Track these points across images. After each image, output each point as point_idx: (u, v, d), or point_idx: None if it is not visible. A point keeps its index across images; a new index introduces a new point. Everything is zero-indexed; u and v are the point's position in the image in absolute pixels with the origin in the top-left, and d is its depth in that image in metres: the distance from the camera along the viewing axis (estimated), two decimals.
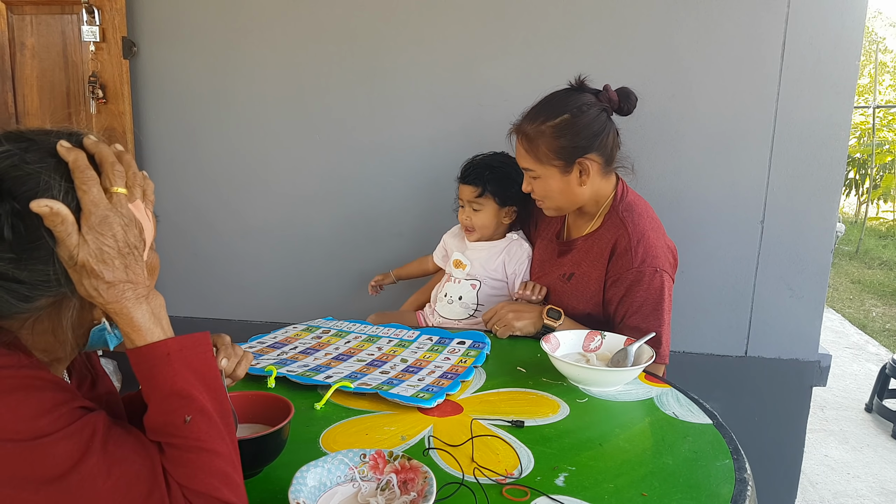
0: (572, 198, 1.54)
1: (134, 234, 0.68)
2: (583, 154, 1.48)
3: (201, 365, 0.71)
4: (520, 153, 1.54)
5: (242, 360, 0.95)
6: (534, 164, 1.50)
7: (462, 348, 1.40)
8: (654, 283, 1.45)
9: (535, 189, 1.55)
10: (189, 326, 2.62)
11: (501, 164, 1.75)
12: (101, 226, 0.65)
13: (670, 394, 1.20)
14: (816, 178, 1.96)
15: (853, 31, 1.87)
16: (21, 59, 2.33)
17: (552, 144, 1.47)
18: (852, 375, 4.02)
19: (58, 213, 0.63)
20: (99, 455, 0.63)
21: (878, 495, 2.61)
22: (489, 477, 0.89)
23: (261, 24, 2.17)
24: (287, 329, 1.54)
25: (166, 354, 0.68)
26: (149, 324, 0.69)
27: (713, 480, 0.90)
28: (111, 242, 0.66)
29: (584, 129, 1.47)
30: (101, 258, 0.65)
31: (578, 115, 1.47)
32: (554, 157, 1.48)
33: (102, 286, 0.66)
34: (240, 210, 2.32)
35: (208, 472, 0.67)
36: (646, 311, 1.46)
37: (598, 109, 1.49)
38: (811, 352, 2.05)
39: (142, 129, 2.33)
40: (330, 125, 2.21)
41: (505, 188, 1.72)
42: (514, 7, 2.02)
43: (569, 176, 1.50)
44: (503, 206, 1.74)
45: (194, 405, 0.68)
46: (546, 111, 1.49)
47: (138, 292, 0.68)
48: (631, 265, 1.46)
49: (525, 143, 1.51)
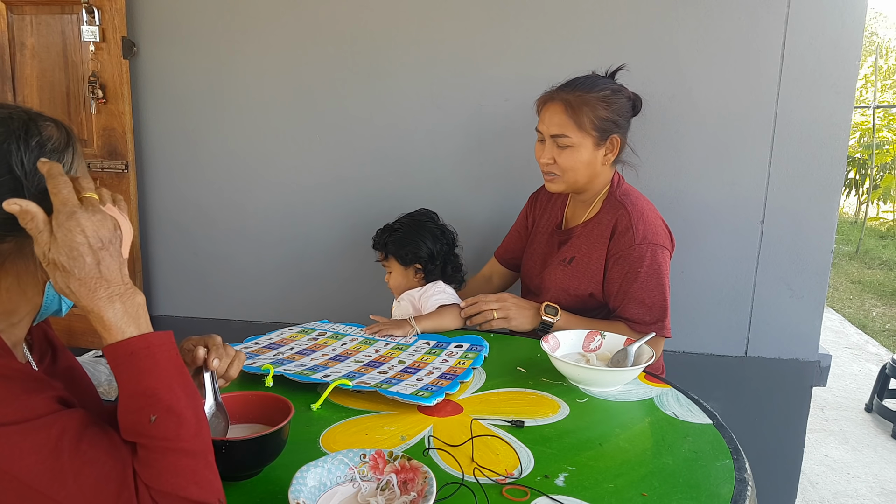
0: (592, 174, 1.58)
1: (108, 228, 0.68)
2: (616, 132, 1.54)
3: (168, 362, 0.70)
4: (555, 121, 1.53)
5: (234, 360, 0.95)
6: (572, 131, 1.52)
7: (460, 351, 1.40)
8: (657, 258, 1.50)
9: (561, 160, 1.55)
10: (189, 326, 2.61)
11: (402, 225, 1.81)
12: (69, 221, 0.66)
13: (670, 394, 1.20)
14: (816, 178, 1.96)
15: (853, 31, 1.87)
16: (21, 59, 2.33)
17: (596, 113, 1.51)
18: (852, 375, 4.02)
19: (27, 210, 0.65)
20: (70, 453, 0.63)
21: (878, 495, 2.61)
22: (489, 477, 0.89)
23: (261, 24, 2.17)
24: (283, 331, 1.53)
25: (130, 353, 0.68)
26: (120, 322, 0.68)
27: (713, 480, 0.90)
28: (81, 238, 0.66)
29: (622, 108, 1.55)
30: (70, 254, 0.66)
31: (618, 93, 1.55)
32: (594, 126, 1.52)
33: (74, 283, 0.66)
34: (240, 210, 2.32)
35: (174, 472, 0.67)
36: (650, 285, 1.50)
37: (627, 98, 1.58)
38: (811, 352, 2.05)
39: (142, 129, 2.33)
40: (330, 125, 2.21)
41: (401, 247, 1.78)
42: (515, 7, 2.02)
43: (599, 150, 1.55)
44: (406, 265, 1.79)
45: (160, 404, 0.67)
46: (589, 84, 1.54)
47: (112, 290, 0.68)
48: (633, 242, 1.51)
49: (566, 108, 1.52)
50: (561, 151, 1.54)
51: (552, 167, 1.57)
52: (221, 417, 0.91)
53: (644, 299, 1.51)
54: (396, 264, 1.81)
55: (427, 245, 1.77)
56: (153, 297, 2.42)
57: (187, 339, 0.96)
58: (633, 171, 1.72)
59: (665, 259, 1.53)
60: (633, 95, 1.61)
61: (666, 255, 1.54)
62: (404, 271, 1.81)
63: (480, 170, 2.14)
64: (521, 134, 2.09)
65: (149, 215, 2.38)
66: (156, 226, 2.38)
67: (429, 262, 1.78)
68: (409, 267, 1.80)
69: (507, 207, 2.13)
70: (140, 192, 2.37)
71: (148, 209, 2.38)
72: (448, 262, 1.81)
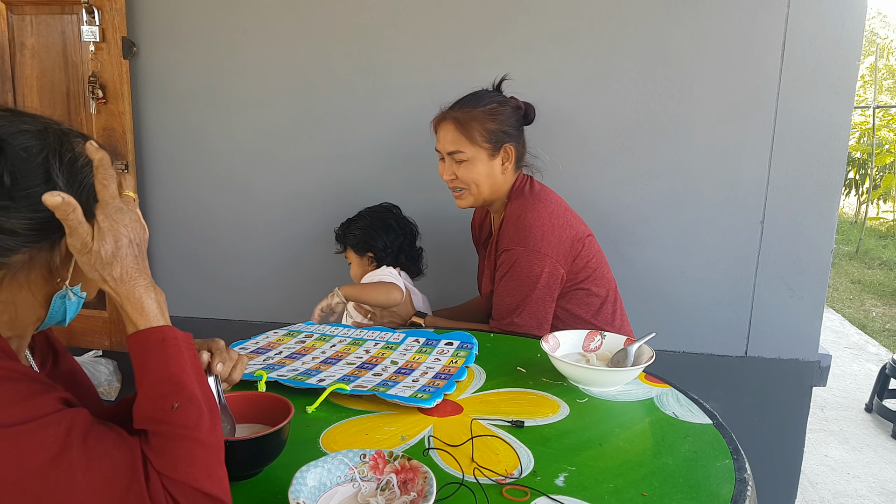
0: (494, 184, 1.64)
1: (141, 230, 0.73)
2: (508, 141, 1.62)
3: (192, 357, 0.74)
4: (448, 138, 1.62)
5: (237, 363, 0.95)
6: (465, 146, 1.60)
7: (451, 349, 1.40)
8: (524, 262, 1.54)
9: (460, 173, 1.62)
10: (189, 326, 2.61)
11: (360, 217, 1.90)
12: (116, 214, 0.71)
13: (670, 394, 1.20)
14: (816, 178, 1.96)
15: (853, 31, 1.87)
16: (21, 59, 2.33)
17: (484, 126, 1.59)
18: (852, 375, 4.02)
19: (69, 202, 0.67)
20: (78, 448, 0.64)
21: (878, 495, 2.61)
22: (489, 477, 0.89)
23: (261, 23, 2.18)
24: (268, 334, 1.52)
25: (161, 340, 0.71)
26: (155, 311, 0.73)
27: (713, 480, 0.90)
28: (125, 231, 0.71)
29: (509, 118, 1.63)
30: (116, 244, 0.70)
31: (504, 105, 1.63)
32: (485, 138, 1.60)
33: (117, 271, 0.70)
34: (240, 210, 2.32)
35: (190, 462, 0.67)
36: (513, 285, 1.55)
37: (514, 108, 1.65)
38: (811, 352, 2.05)
39: (142, 129, 2.33)
40: (330, 125, 2.21)
41: (356, 238, 1.86)
42: (515, 7, 2.02)
43: (494, 160, 1.62)
44: (361, 254, 1.87)
45: (185, 392, 0.69)
46: (475, 100, 1.63)
47: (148, 282, 0.73)
48: (507, 244, 1.57)
49: (457, 126, 1.60)
50: (459, 166, 1.62)
51: (456, 182, 1.65)
52: (227, 420, 0.91)
53: (508, 298, 1.57)
54: (353, 255, 1.89)
55: (382, 237, 1.84)
56: None
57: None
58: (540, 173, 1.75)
59: (535, 262, 1.54)
60: (524, 105, 1.67)
61: (537, 260, 1.54)
62: (360, 261, 1.88)
63: None
64: None
65: (149, 215, 2.38)
66: (156, 226, 2.38)
67: (382, 252, 1.85)
68: (363, 256, 1.87)
69: None
70: (140, 192, 2.37)
71: (148, 209, 2.38)
72: (402, 252, 1.88)
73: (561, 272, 1.58)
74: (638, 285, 2.09)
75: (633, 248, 2.09)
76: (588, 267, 1.64)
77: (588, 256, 1.63)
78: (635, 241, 2.09)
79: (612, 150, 2.05)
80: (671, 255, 2.07)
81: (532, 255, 1.54)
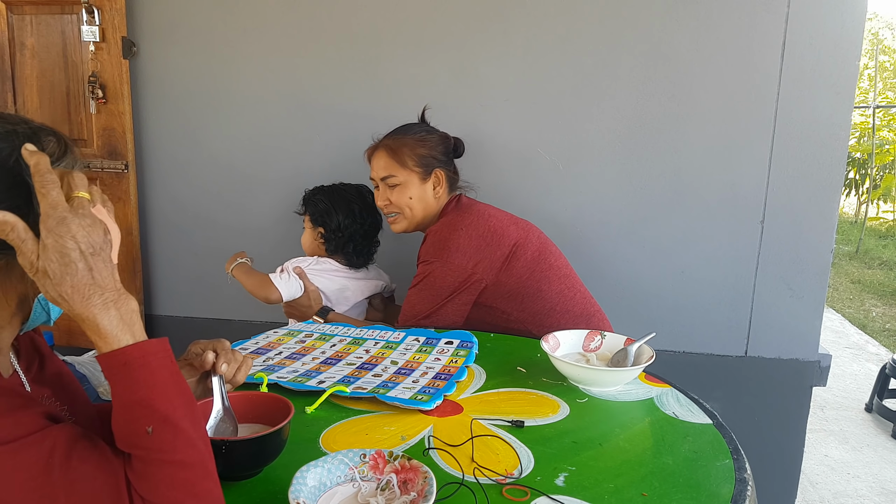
0: (427, 208, 1.71)
1: (98, 234, 0.66)
2: (438, 166, 1.70)
3: (164, 371, 0.68)
4: (381, 165, 1.70)
5: (242, 365, 0.96)
6: (397, 170, 1.68)
7: (451, 348, 1.40)
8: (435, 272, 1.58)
9: (394, 198, 1.70)
10: (189, 326, 2.60)
11: (330, 189, 1.91)
12: (59, 227, 0.63)
13: (670, 394, 1.20)
14: (816, 178, 1.96)
15: (853, 31, 1.87)
16: (21, 59, 2.33)
17: (415, 152, 1.68)
18: (852, 375, 4.02)
19: (4, 221, 0.63)
20: (60, 471, 0.62)
21: (878, 495, 2.61)
22: (489, 477, 0.89)
23: (260, 24, 2.18)
24: (268, 334, 1.52)
25: (124, 364, 0.66)
26: (115, 330, 0.66)
27: (713, 480, 0.90)
28: (71, 244, 0.64)
29: (437, 145, 1.72)
30: (62, 261, 0.63)
31: (432, 133, 1.74)
32: (416, 163, 1.68)
33: (67, 290, 0.64)
34: (240, 210, 2.32)
35: (170, 485, 0.65)
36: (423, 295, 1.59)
37: (441, 138, 1.75)
38: (811, 352, 2.05)
39: (142, 129, 2.33)
40: (330, 125, 2.21)
41: (316, 206, 1.87)
42: (515, 8, 2.02)
43: (426, 184, 1.70)
44: (314, 225, 1.89)
45: (156, 415, 0.65)
46: (404, 129, 1.74)
47: (106, 297, 0.66)
48: (423, 254, 1.63)
49: (388, 152, 1.69)
50: (392, 191, 1.70)
51: (390, 207, 1.72)
52: (229, 422, 0.91)
53: (415, 304, 1.60)
54: (308, 222, 1.90)
55: (338, 217, 1.85)
56: (153, 297, 2.42)
57: (196, 343, 0.96)
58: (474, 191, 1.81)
59: (447, 275, 1.56)
60: (453, 139, 1.77)
61: (450, 272, 1.56)
62: (311, 230, 1.90)
63: (481, 169, 2.14)
64: (520, 133, 2.10)
65: (149, 215, 2.38)
66: (156, 226, 2.38)
67: (332, 232, 1.85)
68: (315, 228, 1.88)
69: (505, 206, 2.12)
70: (140, 192, 2.37)
71: (148, 209, 2.38)
72: (352, 241, 1.87)
73: (478, 281, 1.59)
74: (638, 285, 2.09)
75: (633, 248, 2.09)
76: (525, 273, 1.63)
77: (523, 263, 1.63)
78: (635, 241, 2.09)
79: (613, 150, 2.05)
80: (671, 255, 2.07)
81: (447, 268, 1.57)
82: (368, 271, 1.96)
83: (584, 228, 2.11)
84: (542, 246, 1.69)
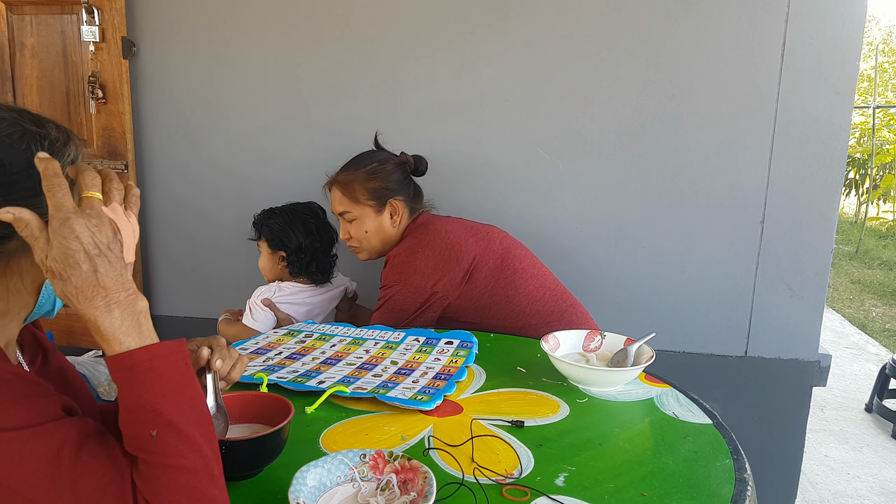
0: (385, 238, 1.74)
1: (106, 234, 0.66)
2: (392, 196, 1.71)
3: (173, 374, 0.68)
4: (336, 200, 1.74)
5: (237, 363, 0.95)
6: (350, 206, 1.71)
7: (451, 348, 1.40)
8: (395, 296, 1.62)
9: (353, 232, 1.74)
10: (189, 326, 2.60)
11: (282, 211, 1.90)
12: (62, 228, 0.64)
13: (670, 394, 1.20)
14: (816, 178, 1.96)
15: (853, 31, 1.88)
16: (21, 59, 2.33)
17: (366, 186, 1.70)
18: (852, 375, 4.02)
19: (20, 218, 0.64)
20: (70, 464, 0.62)
21: (878, 495, 2.61)
22: (489, 477, 0.89)
23: (260, 24, 2.17)
24: (268, 334, 1.52)
25: (130, 367, 0.66)
26: (118, 332, 0.66)
27: (713, 480, 0.90)
28: (75, 245, 0.64)
29: (390, 174, 1.72)
30: (65, 262, 0.64)
31: (385, 163, 1.73)
32: (368, 197, 1.70)
33: (71, 290, 0.64)
34: (239, 210, 2.31)
35: (173, 489, 0.65)
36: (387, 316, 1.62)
37: (396, 164, 1.74)
38: (811, 352, 2.05)
39: (141, 129, 2.33)
40: (329, 125, 2.21)
41: (272, 231, 1.87)
42: (515, 8, 2.02)
43: (381, 216, 1.72)
44: (273, 250, 1.89)
45: (161, 420, 0.65)
46: (356, 163, 1.74)
47: (110, 298, 0.66)
48: (387, 277, 1.66)
49: (341, 188, 1.72)
50: (351, 225, 1.74)
51: (350, 241, 1.76)
52: (221, 419, 0.91)
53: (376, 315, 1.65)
54: (266, 247, 1.90)
55: (298, 237, 1.85)
56: (153, 297, 2.42)
57: (192, 340, 0.97)
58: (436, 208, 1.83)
59: (407, 298, 1.61)
60: (412, 158, 1.77)
61: (410, 294, 1.61)
62: (271, 255, 1.90)
63: (480, 169, 2.14)
64: (520, 133, 2.10)
65: (149, 215, 2.38)
66: (156, 226, 2.38)
67: (294, 254, 1.86)
68: (275, 253, 1.88)
69: (505, 206, 2.13)
70: (140, 192, 2.36)
71: (148, 209, 2.38)
72: (315, 260, 1.89)
73: (441, 298, 1.62)
74: (638, 285, 2.09)
75: (633, 248, 2.09)
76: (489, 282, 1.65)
77: (486, 273, 1.65)
78: (635, 241, 2.09)
79: (613, 150, 2.05)
80: (671, 255, 2.07)
81: (407, 290, 1.61)
82: (331, 282, 1.98)
83: (584, 228, 2.11)
84: (505, 252, 1.70)
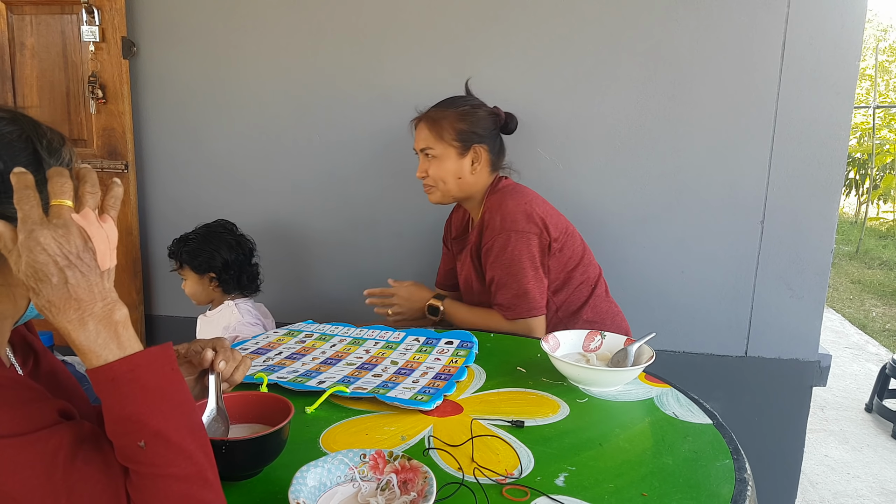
0: (463, 184, 1.69)
1: (75, 244, 0.63)
2: (478, 142, 1.67)
3: (158, 382, 0.66)
4: (421, 136, 1.70)
5: (240, 364, 0.95)
6: (434, 143, 1.67)
7: (451, 348, 1.40)
8: (511, 243, 1.59)
9: (431, 171, 1.69)
10: (189, 326, 2.59)
11: (197, 235, 1.92)
12: (28, 240, 0.62)
13: (670, 394, 1.20)
14: (816, 178, 1.96)
15: (853, 31, 1.87)
16: (21, 59, 2.33)
17: (455, 126, 1.66)
18: (852, 375, 4.02)
19: None
20: (64, 470, 0.62)
21: (878, 495, 2.61)
22: (489, 477, 0.89)
23: (261, 24, 2.17)
24: (268, 334, 1.52)
25: (111, 380, 0.64)
26: (94, 345, 0.64)
27: (713, 480, 0.90)
28: (43, 257, 0.62)
29: (481, 120, 1.69)
30: (35, 275, 0.62)
31: (477, 108, 1.70)
32: (454, 137, 1.66)
33: (43, 303, 0.63)
34: (239, 210, 2.31)
35: (164, 499, 0.65)
36: (511, 271, 1.60)
37: (488, 113, 1.71)
38: (811, 352, 2.05)
39: (141, 129, 2.33)
40: (329, 125, 2.21)
41: (195, 257, 1.88)
42: (515, 8, 2.02)
43: (463, 159, 1.68)
44: (201, 274, 1.90)
45: (147, 430, 0.64)
46: (449, 103, 1.71)
47: (84, 311, 0.64)
48: (493, 233, 1.62)
49: (429, 124, 1.68)
50: (430, 163, 1.69)
51: (427, 179, 1.71)
52: (221, 422, 0.91)
53: (508, 284, 1.61)
54: (191, 273, 1.91)
55: (221, 255, 1.88)
56: (153, 297, 2.42)
57: (196, 341, 0.97)
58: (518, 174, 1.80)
59: (523, 243, 1.59)
60: (504, 114, 1.74)
61: (525, 240, 1.59)
62: (199, 279, 1.91)
63: None
64: (520, 133, 2.09)
65: (149, 215, 2.38)
66: (156, 226, 2.38)
67: (223, 272, 1.88)
68: (203, 276, 1.90)
69: None
70: (140, 192, 2.37)
71: (148, 209, 2.38)
72: (244, 272, 1.93)
73: (548, 241, 1.63)
74: (638, 285, 2.09)
75: (633, 248, 2.09)
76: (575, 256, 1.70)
77: (573, 246, 1.70)
78: (635, 241, 2.09)
79: (613, 151, 2.05)
80: (671, 255, 2.07)
81: (519, 237, 1.60)
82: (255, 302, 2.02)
83: (584, 228, 2.10)
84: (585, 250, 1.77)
